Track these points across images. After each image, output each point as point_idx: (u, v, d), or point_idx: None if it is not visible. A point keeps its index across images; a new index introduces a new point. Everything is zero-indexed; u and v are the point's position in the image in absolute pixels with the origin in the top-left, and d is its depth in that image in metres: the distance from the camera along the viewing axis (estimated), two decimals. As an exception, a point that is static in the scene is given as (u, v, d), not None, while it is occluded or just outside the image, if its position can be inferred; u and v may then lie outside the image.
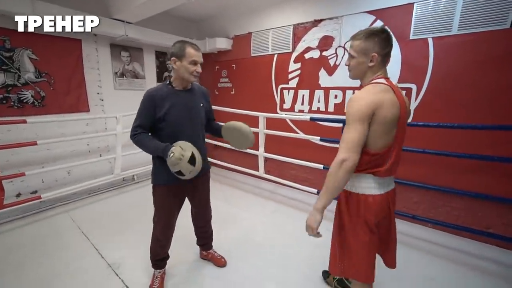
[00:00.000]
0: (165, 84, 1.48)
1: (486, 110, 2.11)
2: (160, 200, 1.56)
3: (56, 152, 2.88)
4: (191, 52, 1.37)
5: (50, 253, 2.06)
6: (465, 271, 1.93)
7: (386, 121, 1.02)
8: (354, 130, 1.00)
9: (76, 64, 2.91)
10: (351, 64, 1.13)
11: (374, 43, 1.04)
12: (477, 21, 2.07)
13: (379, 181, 1.09)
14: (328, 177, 1.03)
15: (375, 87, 1.04)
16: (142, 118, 1.41)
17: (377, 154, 1.06)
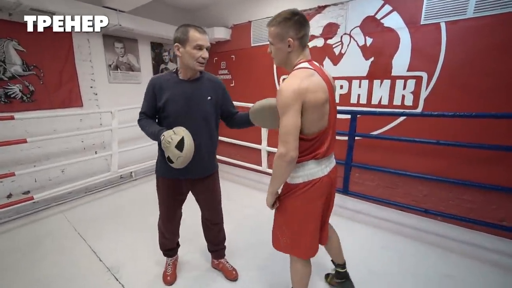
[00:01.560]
0: (171, 72, 1.37)
1: (503, 98, 2.00)
2: (159, 192, 1.53)
3: (49, 150, 2.73)
4: (195, 36, 1.22)
5: (45, 256, 1.95)
6: (480, 265, 1.86)
7: (317, 106, 1.03)
8: (288, 119, 1.00)
9: (67, 56, 2.74)
10: (272, 51, 1.13)
11: (287, 28, 1.03)
12: (495, 1, 1.94)
13: (319, 163, 1.13)
14: (274, 168, 1.08)
15: (300, 73, 1.02)
16: (144, 106, 1.38)
17: (314, 138, 1.09)
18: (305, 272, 1.29)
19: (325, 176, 1.14)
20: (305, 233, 1.19)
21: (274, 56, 1.14)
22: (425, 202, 2.47)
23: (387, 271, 1.78)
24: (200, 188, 1.52)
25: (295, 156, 1.03)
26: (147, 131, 1.33)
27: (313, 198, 1.14)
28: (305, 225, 1.18)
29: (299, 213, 1.17)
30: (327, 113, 1.09)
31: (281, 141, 1.02)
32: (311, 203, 1.15)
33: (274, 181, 1.12)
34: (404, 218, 2.47)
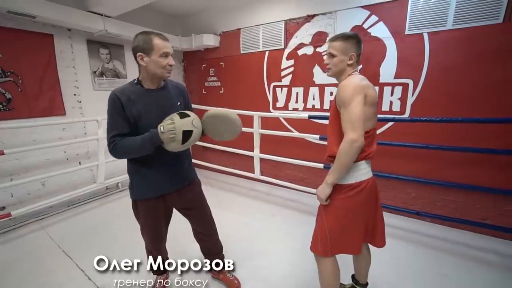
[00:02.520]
0: (132, 83, 1.26)
1: (481, 104, 2.14)
2: (142, 216, 1.41)
3: (28, 162, 2.54)
4: (159, 44, 1.17)
5: (27, 280, 1.79)
6: (471, 264, 1.95)
7: (373, 103, 1.17)
8: (355, 107, 1.09)
9: (48, 62, 2.59)
10: (331, 62, 1.25)
11: (352, 44, 1.21)
12: (471, 16, 2.09)
13: (369, 164, 1.24)
14: (340, 156, 1.13)
15: (358, 76, 1.19)
16: (115, 125, 1.19)
17: (367, 133, 1.17)
18: (337, 270, 1.30)
19: (372, 178, 1.24)
20: (347, 237, 1.24)
21: (332, 67, 1.26)
22: (413, 204, 2.56)
23: (385, 273, 1.81)
24: (185, 200, 1.44)
25: (363, 143, 1.10)
26: (134, 146, 1.17)
27: (364, 199, 1.21)
28: (348, 230, 1.23)
29: (346, 215, 1.21)
30: (376, 114, 1.22)
31: (351, 127, 1.08)
32: (362, 204, 1.21)
33: (339, 170, 1.15)
34: (393, 220, 2.54)
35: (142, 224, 1.45)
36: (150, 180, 1.30)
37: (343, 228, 1.23)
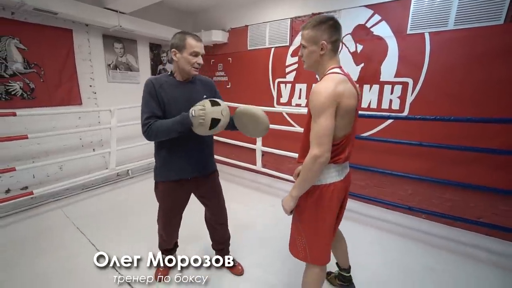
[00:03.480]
0: (166, 74, 1.41)
1: (480, 104, 2.17)
2: (161, 197, 1.54)
3: (48, 147, 2.78)
4: (192, 43, 1.30)
5: (45, 250, 2.00)
6: (458, 259, 2.00)
7: (348, 112, 1.05)
8: (324, 121, 1.00)
9: (67, 55, 2.80)
10: (304, 54, 1.14)
11: (322, 31, 1.06)
12: (473, 16, 2.12)
13: (338, 168, 1.16)
14: (303, 171, 1.07)
15: (334, 78, 1.04)
16: (150, 107, 1.30)
17: (338, 144, 1.10)
18: (322, 277, 1.28)
19: (341, 181, 1.16)
20: (322, 237, 1.19)
21: (305, 59, 1.15)
22: (410, 201, 2.62)
23: (373, 263, 1.90)
24: (204, 189, 1.56)
25: (328, 158, 1.03)
26: (167, 127, 1.27)
27: (330, 202, 1.15)
28: (322, 229, 1.18)
29: (316, 216, 1.17)
30: (353, 119, 1.11)
31: (316, 143, 1.01)
32: (328, 206, 1.16)
33: (302, 184, 1.10)
34: (390, 215, 2.61)
35: (160, 204, 1.56)
36: (172, 164, 1.42)
37: (316, 228, 1.19)
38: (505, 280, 1.77)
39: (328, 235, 1.21)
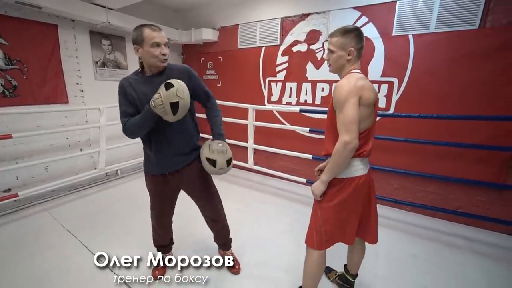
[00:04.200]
0: (136, 72, 1.37)
1: (460, 102, 2.33)
2: (150, 189, 1.56)
3: (32, 147, 2.67)
4: (150, 34, 1.23)
5: (34, 252, 1.94)
6: (440, 247, 2.14)
7: (369, 103, 1.16)
8: (349, 109, 1.11)
9: (52, 51, 2.69)
10: (331, 58, 1.25)
11: (350, 39, 1.18)
12: (451, 21, 2.26)
13: (363, 161, 1.25)
14: (334, 157, 1.16)
15: (354, 76, 1.17)
16: (122, 107, 1.32)
17: (361, 135, 1.18)
18: (321, 266, 1.35)
19: (365, 175, 1.24)
20: (340, 231, 1.28)
21: (332, 63, 1.25)
22: (396, 195, 2.76)
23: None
24: (188, 178, 1.50)
25: (357, 144, 1.12)
26: (138, 122, 1.27)
27: (354, 195, 1.23)
28: (342, 223, 1.27)
29: (338, 209, 1.24)
30: (373, 113, 1.21)
31: (345, 130, 1.11)
32: (352, 199, 1.23)
33: (333, 169, 1.18)
34: (378, 209, 2.74)
35: (150, 195, 1.58)
36: (153, 159, 1.43)
37: (336, 220, 1.26)
38: (482, 265, 1.93)
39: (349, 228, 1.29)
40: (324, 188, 1.25)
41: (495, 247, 2.14)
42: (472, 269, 1.87)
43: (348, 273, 1.60)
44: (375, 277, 1.76)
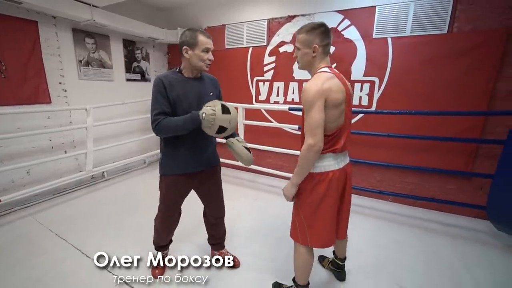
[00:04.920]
0: (174, 71, 1.43)
1: (430, 99, 2.56)
2: (165, 191, 1.57)
3: (12, 149, 2.53)
4: (203, 40, 1.33)
5: (24, 259, 1.86)
6: (419, 232, 2.35)
7: (336, 104, 1.16)
8: (315, 113, 1.12)
9: (32, 49, 2.57)
10: (298, 55, 1.27)
11: (314, 36, 1.19)
12: (424, 25, 2.49)
13: (336, 157, 1.27)
14: (300, 159, 1.20)
15: (322, 76, 1.17)
16: (160, 104, 1.34)
17: (332, 134, 1.22)
18: (309, 258, 1.38)
19: (339, 170, 1.26)
20: (320, 223, 1.29)
21: (299, 60, 1.27)
22: (378, 186, 2.96)
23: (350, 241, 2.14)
24: (206, 181, 1.60)
25: (322, 147, 1.14)
26: (176, 125, 1.32)
27: (328, 188, 1.24)
28: (321, 214, 1.28)
29: (315, 202, 1.27)
30: (344, 112, 1.22)
31: (310, 134, 1.13)
32: (326, 193, 1.25)
33: (300, 172, 1.22)
34: (362, 201, 2.92)
35: (162, 196, 1.59)
36: (177, 160, 1.46)
37: (315, 214, 1.28)
38: (455, 245, 2.14)
39: (328, 220, 1.30)
40: (294, 191, 1.29)
41: (466, 229, 2.39)
42: (447, 250, 2.09)
43: (337, 258, 1.69)
44: (365, 262, 1.91)
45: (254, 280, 1.72)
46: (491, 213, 2.14)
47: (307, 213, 1.30)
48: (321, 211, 1.28)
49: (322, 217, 1.29)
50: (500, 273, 1.83)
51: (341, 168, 1.28)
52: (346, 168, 1.32)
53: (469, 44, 2.33)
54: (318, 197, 1.26)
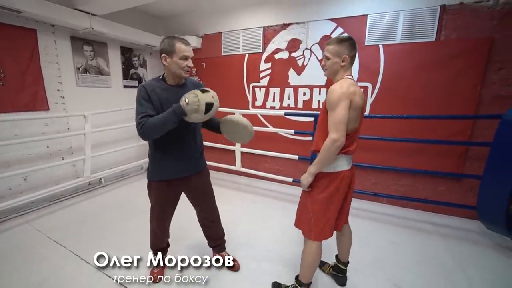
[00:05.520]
0: (157, 79, 1.45)
1: (424, 104, 2.65)
2: (154, 195, 1.58)
3: (10, 156, 2.53)
4: (181, 47, 1.34)
5: (22, 266, 1.86)
6: (413, 233, 2.41)
7: (357, 107, 1.28)
8: (340, 111, 1.22)
9: (31, 56, 2.59)
10: (327, 64, 1.36)
11: (345, 47, 1.30)
12: (413, 33, 2.60)
13: (347, 158, 1.39)
14: (322, 151, 1.27)
15: (347, 81, 1.29)
16: (144, 107, 1.34)
17: (348, 135, 1.30)
18: (318, 255, 1.46)
19: (349, 171, 1.38)
20: (328, 216, 1.39)
21: (328, 68, 1.37)
22: (373, 189, 3.03)
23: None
24: (194, 185, 1.61)
25: (344, 142, 1.23)
26: (159, 122, 1.31)
27: (339, 186, 1.35)
28: (329, 209, 1.38)
29: (326, 200, 1.36)
30: (359, 117, 1.34)
31: (334, 129, 1.22)
32: (336, 190, 1.35)
33: (320, 163, 1.30)
34: (357, 204, 2.98)
35: (153, 203, 1.60)
36: (164, 165, 1.48)
37: (324, 209, 1.38)
38: (447, 245, 2.21)
39: (333, 215, 1.41)
40: (311, 179, 1.36)
41: (458, 229, 2.46)
42: (440, 249, 2.15)
43: (340, 262, 1.73)
44: (362, 263, 1.95)
45: (254, 283, 1.74)
46: (480, 213, 2.22)
47: (317, 209, 1.39)
48: (329, 209, 1.38)
49: (329, 214, 1.40)
50: (491, 272, 1.89)
51: (350, 169, 1.40)
52: (352, 169, 1.44)
53: (456, 51, 2.44)
54: (329, 196, 1.36)
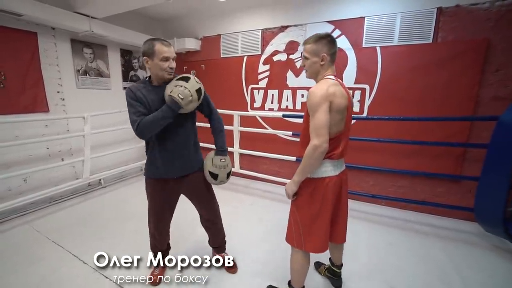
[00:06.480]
0: (143, 80, 1.46)
1: (421, 105, 2.65)
2: (150, 193, 1.58)
3: (10, 158, 2.55)
4: (161, 49, 1.32)
5: (21, 266, 1.87)
6: (411, 235, 2.41)
7: (339, 109, 1.21)
8: (320, 115, 1.15)
9: (31, 59, 2.63)
10: (306, 64, 1.30)
11: (322, 45, 1.23)
12: (410, 35, 2.61)
13: (333, 163, 1.30)
14: (305, 159, 1.21)
15: (327, 81, 1.22)
16: (136, 107, 1.35)
17: (332, 139, 1.24)
18: (305, 262, 1.40)
19: (336, 176, 1.30)
20: (317, 226, 1.31)
21: (307, 69, 1.30)
22: (371, 191, 3.02)
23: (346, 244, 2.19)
24: (193, 186, 1.60)
25: (327, 148, 1.16)
26: (155, 119, 1.31)
27: (325, 194, 1.27)
28: (317, 219, 1.30)
29: (312, 206, 1.29)
30: (345, 119, 1.25)
31: (316, 134, 1.15)
32: (323, 198, 1.27)
33: (303, 171, 1.23)
34: (356, 205, 2.98)
35: (149, 200, 1.59)
36: (159, 163, 1.48)
37: (312, 218, 1.30)
38: (445, 247, 2.20)
39: (323, 225, 1.32)
40: (296, 188, 1.29)
41: (455, 231, 2.45)
42: (438, 252, 2.14)
43: (333, 265, 1.71)
44: (359, 264, 1.95)
45: (251, 285, 1.74)
46: (478, 215, 2.21)
47: (304, 218, 1.33)
48: (317, 218, 1.30)
49: (319, 223, 1.31)
50: (489, 274, 1.88)
51: (337, 175, 1.31)
52: (342, 175, 1.35)
53: (453, 52, 2.44)
54: (315, 204, 1.29)
